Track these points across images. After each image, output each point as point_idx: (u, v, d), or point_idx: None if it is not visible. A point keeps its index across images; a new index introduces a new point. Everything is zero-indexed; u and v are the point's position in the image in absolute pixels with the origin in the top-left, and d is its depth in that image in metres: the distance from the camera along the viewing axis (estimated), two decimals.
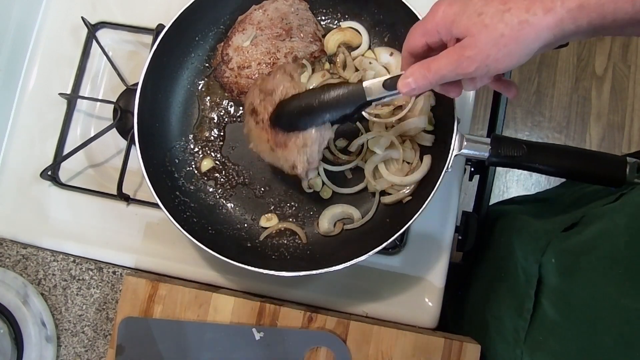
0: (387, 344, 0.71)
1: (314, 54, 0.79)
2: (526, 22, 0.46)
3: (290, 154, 0.67)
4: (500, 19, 0.47)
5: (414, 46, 0.56)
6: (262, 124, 0.69)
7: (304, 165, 0.67)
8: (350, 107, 0.63)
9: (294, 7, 0.79)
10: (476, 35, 0.49)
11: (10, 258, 0.82)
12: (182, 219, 0.72)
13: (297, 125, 0.66)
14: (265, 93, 0.70)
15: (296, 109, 0.66)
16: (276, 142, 0.68)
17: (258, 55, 0.77)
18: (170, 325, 0.73)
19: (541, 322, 0.65)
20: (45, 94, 0.87)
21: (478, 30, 0.48)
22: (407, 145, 0.76)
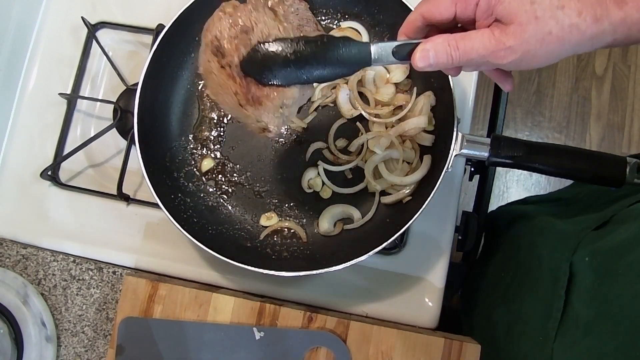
0: (387, 344, 0.71)
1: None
2: (576, 26, 0.44)
3: (264, 114, 0.56)
4: (553, 15, 0.44)
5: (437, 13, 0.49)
6: (230, 70, 0.55)
7: (278, 129, 0.58)
8: (350, 68, 0.54)
9: (294, 7, 0.79)
10: (524, 25, 0.44)
11: (10, 258, 0.82)
12: (182, 219, 0.72)
13: (278, 80, 0.54)
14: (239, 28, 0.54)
15: (282, 58, 0.53)
16: (247, 97, 0.55)
17: None
18: (170, 325, 0.73)
19: (573, 322, 0.62)
20: (45, 94, 0.87)
21: (527, 20, 0.44)
22: (407, 145, 0.76)
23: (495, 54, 0.46)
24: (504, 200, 1.81)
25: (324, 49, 0.53)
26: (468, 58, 0.47)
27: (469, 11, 0.48)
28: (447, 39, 0.48)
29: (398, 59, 0.52)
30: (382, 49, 0.53)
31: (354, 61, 0.53)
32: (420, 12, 0.51)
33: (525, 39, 0.44)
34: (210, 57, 0.56)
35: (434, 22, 0.50)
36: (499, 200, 1.81)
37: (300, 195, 0.79)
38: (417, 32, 0.52)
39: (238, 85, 0.55)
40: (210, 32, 0.56)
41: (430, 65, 0.49)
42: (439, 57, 0.48)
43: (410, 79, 0.79)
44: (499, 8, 0.45)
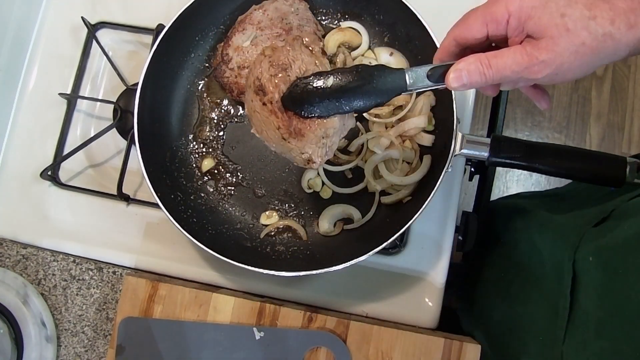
0: (387, 344, 0.71)
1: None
2: (610, 35, 0.43)
3: (307, 145, 0.57)
4: (585, 26, 0.44)
5: (469, 35, 0.50)
6: (271, 106, 0.57)
7: (322, 160, 0.58)
8: (386, 95, 0.54)
9: (294, 7, 0.79)
10: (556, 39, 0.44)
11: (10, 258, 0.82)
12: (182, 219, 0.72)
13: (318, 111, 0.56)
14: (278, 67, 0.57)
15: (320, 91, 0.55)
16: (290, 130, 0.57)
17: None
18: (170, 325, 0.73)
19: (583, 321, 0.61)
20: (45, 94, 0.87)
21: (559, 33, 0.44)
22: (407, 145, 0.76)
23: (529, 69, 0.46)
24: None
25: (359, 79, 0.54)
26: (502, 75, 0.47)
27: (501, 30, 0.48)
28: (479, 58, 0.48)
29: (433, 81, 0.53)
30: (416, 73, 0.54)
31: (389, 89, 0.54)
32: (452, 36, 0.51)
33: (559, 52, 0.44)
34: (253, 97, 0.59)
35: (468, 44, 0.51)
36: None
37: (300, 195, 0.79)
38: (452, 56, 0.53)
39: (280, 119, 0.57)
40: (253, 73, 0.60)
41: (464, 85, 0.49)
42: (472, 77, 0.48)
43: None
44: (530, 23, 0.45)
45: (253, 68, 0.60)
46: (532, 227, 0.75)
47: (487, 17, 0.48)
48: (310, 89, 0.56)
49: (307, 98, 0.56)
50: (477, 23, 0.49)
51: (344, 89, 0.55)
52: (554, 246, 0.67)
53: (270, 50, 0.59)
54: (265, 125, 0.59)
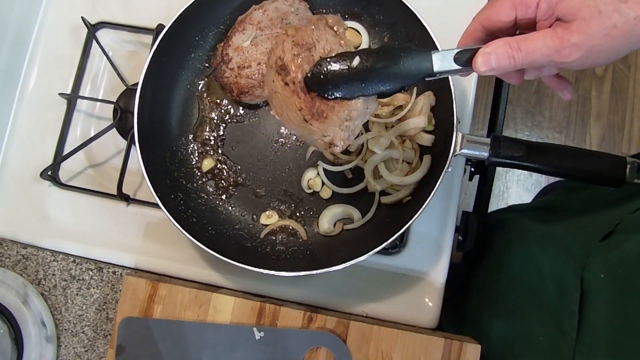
0: (387, 344, 0.71)
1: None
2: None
3: (330, 127, 0.56)
4: (616, 9, 0.43)
5: (497, 19, 0.49)
6: (294, 86, 0.55)
7: (344, 143, 0.57)
8: (412, 78, 0.53)
9: (294, 7, 0.79)
10: (588, 20, 0.44)
11: (10, 258, 0.82)
12: (182, 219, 0.72)
13: (342, 93, 0.54)
14: (301, 47, 0.55)
15: (345, 72, 0.54)
16: (312, 112, 0.55)
17: (258, 55, 0.77)
18: (170, 325, 0.73)
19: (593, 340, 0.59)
20: (45, 94, 0.87)
21: (591, 15, 0.43)
22: (407, 145, 0.76)
23: (559, 53, 0.45)
24: (504, 200, 1.81)
25: (385, 60, 0.53)
26: (531, 59, 0.46)
27: (530, 13, 0.47)
28: (507, 41, 0.47)
29: (460, 65, 0.52)
30: (443, 56, 0.52)
31: (416, 71, 0.53)
32: (479, 20, 0.51)
33: (590, 34, 0.44)
34: (274, 77, 0.57)
35: (494, 29, 0.50)
36: (499, 200, 1.81)
37: (300, 195, 0.79)
38: (477, 41, 0.52)
39: (302, 100, 0.55)
40: (274, 53, 0.58)
41: (492, 68, 0.48)
42: (501, 60, 0.47)
43: None
44: (561, 6, 0.45)
45: (275, 48, 0.58)
46: (530, 241, 0.74)
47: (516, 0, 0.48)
48: (335, 69, 0.54)
49: (331, 79, 0.54)
50: (506, 6, 0.48)
51: (369, 70, 0.53)
52: (556, 261, 0.66)
53: (293, 30, 0.57)
54: (287, 106, 0.57)
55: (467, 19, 0.82)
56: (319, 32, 0.56)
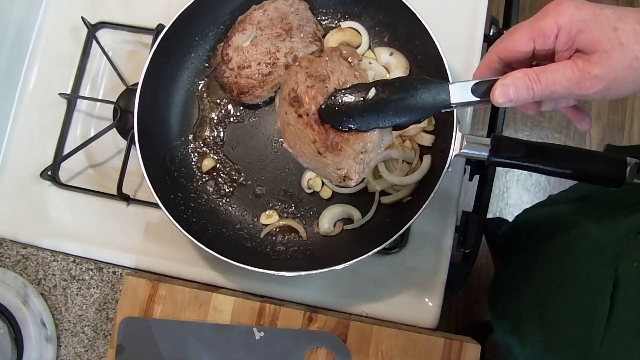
0: (387, 344, 0.71)
1: (314, 54, 0.79)
2: None
3: (345, 160, 0.54)
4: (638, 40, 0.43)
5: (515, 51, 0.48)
6: (307, 118, 0.55)
7: (359, 177, 0.56)
8: (429, 110, 0.52)
9: (294, 7, 0.79)
10: (609, 52, 0.43)
11: (10, 258, 0.82)
12: (182, 219, 0.72)
13: (357, 125, 0.54)
14: (315, 78, 0.55)
15: (360, 103, 0.53)
16: (326, 144, 0.54)
17: (258, 55, 0.77)
18: (170, 325, 0.73)
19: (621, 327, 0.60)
20: (45, 94, 0.87)
21: (612, 47, 0.43)
22: (407, 145, 0.76)
23: (580, 85, 0.44)
24: (503, 200, 1.81)
25: (401, 92, 0.52)
26: (551, 91, 0.45)
27: (548, 45, 0.47)
28: (526, 73, 0.46)
29: (477, 96, 0.51)
30: (461, 88, 0.52)
31: (432, 103, 0.52)
32: (496, 52, 0.50)
33: (612, 66, 0.43)
34: (287, 109, 0.56)
35: (511, 60, 0.49)
36: (499, 200, 1.81)
37: (300, 195, 0.79)
38: (493, 73, 0.51)
39: (316, 132, 0.55)
40: (287, 85, 0.57)
41: (510, 100, 0.47)
42: (520, 92, 0.46)
43: None
44: (581, 37, 0.44)
45: (287, 79, 0.58)
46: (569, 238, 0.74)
47: (534, 31, 0.47)
48: (349, 101, 0.53)
49: (346, 110, 0.54)
50: (524, 37, 0.47)
51: (385, 102, 0.52)
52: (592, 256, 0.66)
53: (306, 62, 0.57)
54: (300, 138, 0.57)
55: (467, 18, 0.83)
56: (333, 63, 0.56)
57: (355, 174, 0.55)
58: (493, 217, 1.77)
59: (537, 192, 1.80)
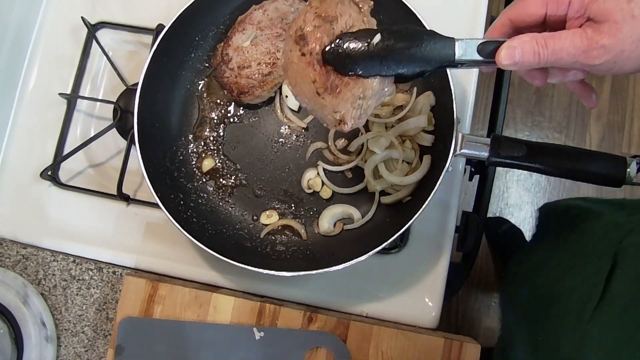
0: (387, 344, 0.71)
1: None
2: None
3: (342, 103, 0.54)
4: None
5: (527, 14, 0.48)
6: (310, 57, 0.54)
7: (354, 122, 0.55)
8: (433, 64, 0.52)
9: (294, 7, 0.79)
10: (620, 24, 0.42)
11: (10, 258, 0.82)
12: (182, 219, 0.72)
13: (359, 70, 0.53)
14: (323, 19, 0.54)
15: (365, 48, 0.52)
16: (326, 85, 0.54)
17: (258, 55, 0.77)
18: (170, 325, 0.73)
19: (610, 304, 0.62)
20: (45, 94, 0.87)
21: (623, 19, 0.42)
22: (407, 145, 0.76)
23: (587, 54, 0.44)
24: (504, 200, 1.81)
25: (407, 41, 0.51)
26: (557, 57, 0.45)
27: (561, 11, 0.46)
28: (534, 37, 0.46)
29: (483, 56, 0.50)
30: (466, 45, 0.50)
31: (437, 56, 0.51)
32: (508, 15, 0.49)
33: (621, 38, 0.43)
34: (292, 47, 0.55)
35: (522, 25, 0.49)
36: (499, 200, 1.81)
37: (300, 195, 0.79)
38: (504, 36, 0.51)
39: (317, 73, 0.54)
40: (296, 23, 0.56)
41: (515, 63, 0.47)
42: (526, 55, 0.46)
43: None
44: (594, 6, 0.44)
45: (297, 18, 0.56)
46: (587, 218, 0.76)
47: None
48: (355, 45, 0.53)
49: (349, 54, 0.53)
50: (537, 1, 0.47)
51: (390, 49, 0.51)
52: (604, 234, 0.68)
53: (317, 2, 0.55)
54: (301, 77, 0.55)
55: (467, 18, 0.83)
56: (343, 6, 0.55)
57: (351, 119, 0.54)
58: (493, 217, 1.77)
59: (537, 192, 1.80)
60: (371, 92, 0.54)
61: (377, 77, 0.53)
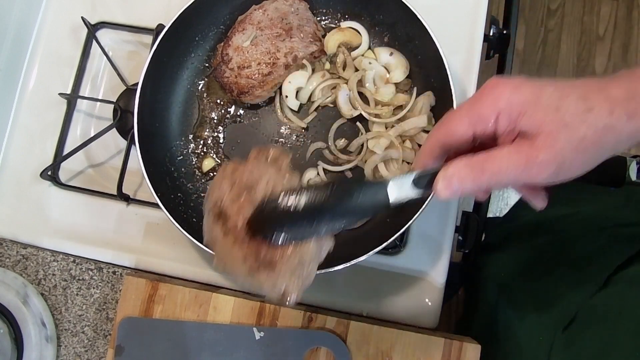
0: (387, 344, 0.71)
1: (314, 54, 0.79)
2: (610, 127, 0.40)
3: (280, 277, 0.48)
4: (583, 120, 0.40)
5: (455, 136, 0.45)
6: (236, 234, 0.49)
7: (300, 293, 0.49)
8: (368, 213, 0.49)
9: (294, 7, 0.79)
10: (554, 134, 0.40)
11: (10, 258, 0.82)
12: (182, 219, 0.72)
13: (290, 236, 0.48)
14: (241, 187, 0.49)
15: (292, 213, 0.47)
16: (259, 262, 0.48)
17: (258, 55, 0.77)
18: (170, 325, 0.73)
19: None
20: (45, 94, 0.87)
21: (556, 129, 0.40)
22: (407, 145, 0.76)
23: (527, 172, 0.41)
24: (503, 200, 1.81)
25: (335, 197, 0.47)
26: (497, 180, 0.42)
27: (489, 129, 0.43)
28: (470, 163, 0.43)
29: (420, 189, 0.47)
30: (400, 184, 0.47)
31: (371, 205, 0.47)
32: (436, 137, 0.46)
33: (558, 149, 0.40)
34: (213, 224, 0.51)
35: (453, 145, 0.46)
36: (499, 200, 1.81)
37: None
38: (436, 159, 0.48)
39: (246, 250, 0.49)
40: (212, 195, 0.52)
41: (455, 193, 0.44)
42: (465, 183, 0.43)
43: (410, 79, 0.79)
44: (523, 120, 0.41)
45: (211, 190, 0.52)
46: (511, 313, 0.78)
47: (473, 117, 0.43)
48: (280, 210, 0.48)
49: (277, 221, 0.48)
50: (463, 123, 0.44)
51: (319, 210, 0.47)
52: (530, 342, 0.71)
53: (231, 168, 0.51)
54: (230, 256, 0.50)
55: (467, 18, 0.83)
56: (259, 168, 0.51)
57: (294, 290, 0.48)
58: (493, 217, 1.77)
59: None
60: (309, 257, 0.48)
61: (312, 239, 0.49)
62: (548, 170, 0.41)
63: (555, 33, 1.87)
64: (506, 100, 0.42)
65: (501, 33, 0.85)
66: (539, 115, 0.41)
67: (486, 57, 0.87)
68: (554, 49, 1.87)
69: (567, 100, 0.40)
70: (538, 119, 0.41)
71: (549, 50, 1.87)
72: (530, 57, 1.87)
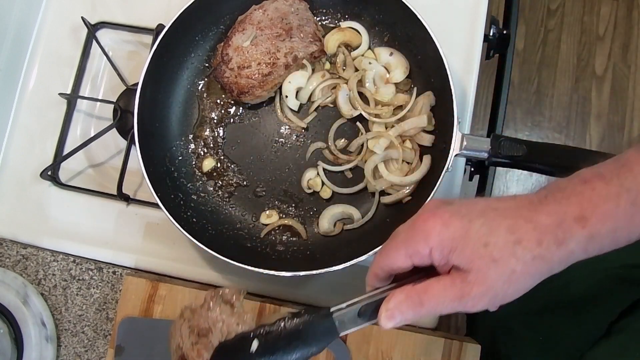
0: (387, 344, 0.71)
1: (313, 54, 0.79)
2: (540, 257, 0.41)
3: None
4: (512, 253, 0.41)
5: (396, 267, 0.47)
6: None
7: None
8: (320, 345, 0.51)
9: (294, 7, 0.79)
10: (484, 270, 0.42)
11: (10, 258, 0.82)
12: (182, 219, 0.72)
13: None
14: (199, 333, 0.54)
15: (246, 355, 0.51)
16: None
17: (258, 55, 0.77)
18: (170, 325, 0.73)
19: None
20: (45, 94, 0.87)
21: (486, 265, 0.42)
22: (407, 145, 0.76)
23: (462, 304, 0.43)
24: None
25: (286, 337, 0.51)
26: (435, 310, 0.44)
27: (426, 261, 0.46)
28: (409, 295, 0.45)
29: (365, 320, 0.50)
30: (345, 315, 0.51)
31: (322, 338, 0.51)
32: (379, 266, 0.49)
33: (489, 284, 0.42)
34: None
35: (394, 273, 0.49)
36: None
37: (300, 195, 0.79)
38: (382, 281, 0.50)
39: None
40: (174, 339, 0.56)
41: (398, 323, 0.46)
42: (405, 314, 0.45)
43: (410, 79, 0.79)
44: (453, 257, 0.43)
45: (174, 330, 0.57)
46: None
47: (409, 250, 0.46)
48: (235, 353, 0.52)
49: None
50: (401, 256, 0.46)
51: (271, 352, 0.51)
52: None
53: (189, 313, 0.56)
54: None
55: (467, 18, 0.83)
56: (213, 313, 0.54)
57: None
58: None
59: None
60: None
61: None
62: (482, 303, 0.43)
63: (555, 33, 1.87)
64: (436, 236, 0.44)
65: (501, 33, 0.85)
66: (467, 251, 0.42)
67: (486, 57, 0.87)
68: (554, 49, 1.87)
69: (496, 234, 0.42)
70: (467, 255, 0.42)
71: (549, 50, 1.87)
72: (530, 57, 1.87)
